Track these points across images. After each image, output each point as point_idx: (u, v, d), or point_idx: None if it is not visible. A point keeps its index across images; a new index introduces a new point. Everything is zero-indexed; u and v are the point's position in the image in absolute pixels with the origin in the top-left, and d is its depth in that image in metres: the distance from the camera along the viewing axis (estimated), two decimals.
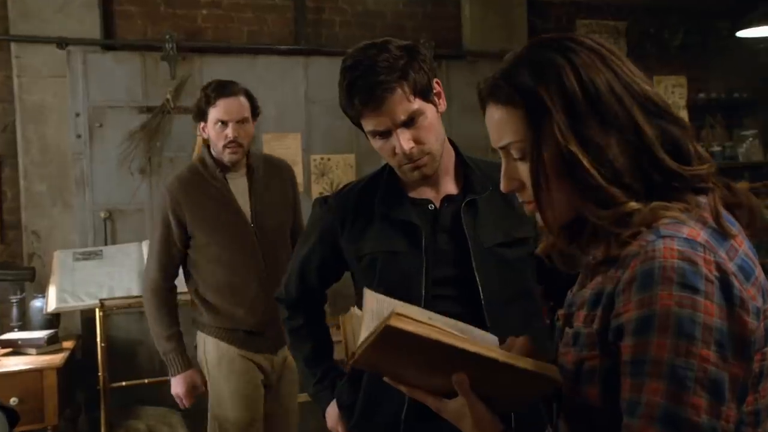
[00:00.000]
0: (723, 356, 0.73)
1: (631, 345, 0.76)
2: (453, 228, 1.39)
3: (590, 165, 0.81)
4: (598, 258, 0.86)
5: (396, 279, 1.39)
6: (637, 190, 0.82)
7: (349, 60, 1.34)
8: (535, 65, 0.85)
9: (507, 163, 0.90)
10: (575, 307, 0.89)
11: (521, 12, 4.33)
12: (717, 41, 4.80)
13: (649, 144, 0.82)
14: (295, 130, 3.83)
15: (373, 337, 0.82)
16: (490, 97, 0.89)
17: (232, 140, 2.27)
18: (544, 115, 0.83)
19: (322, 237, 1.53)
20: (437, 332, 0.80)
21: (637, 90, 0.84)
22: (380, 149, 1.38)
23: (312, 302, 1.62)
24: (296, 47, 3.85)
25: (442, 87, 1.41)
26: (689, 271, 0.74)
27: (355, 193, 1.50)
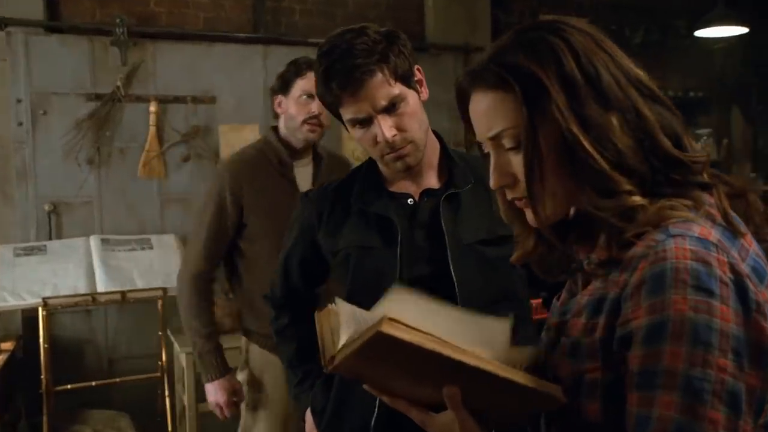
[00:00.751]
0: (740, 365, 0.67)
1: (641, 354, 0.69)
2: (431, 223, 1.32)
3: (592, 147, 0.74)
4: (595, 260, 0.79)
5: (369, 276, 1.32)
6: (641, 176, 0.75)
7: (325, 45, 1.27)
8: (530, 46, 0.78)
9: (497, 155, 0.82)
10: (570, 315, 0.82)
11: (484, 5, 4.28)
12: (675, 40, 4.86)
13: (650, 126, 0.76)
14: (253, 122, 3.69)
15: (359, 343, 0.73)
16: (475, 85, 0.82)
17: (315, 116, 2.04)
18: (541, 96, 0.76)
19: (302, 233, 1.47)
20: (433, 341, 0.71)
21: (632, 73, 0.79)
22: (361, 139, 1.30)
23: (297, 302, 1.56)
24: (255, 35, 3.71)
25: (423, 74, 1.34)
26: (703, 272, 0.68)
27: (334, 187, 1.44)
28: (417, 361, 0.74)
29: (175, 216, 3.54)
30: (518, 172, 0.80)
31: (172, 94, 3.51)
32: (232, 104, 3.63)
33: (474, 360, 0.73)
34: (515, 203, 0.84)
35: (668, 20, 4.84)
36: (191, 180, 3.57)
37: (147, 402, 3.21)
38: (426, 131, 1.33)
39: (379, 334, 0.70)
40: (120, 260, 3.09)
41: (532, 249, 0.89)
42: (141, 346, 3.37)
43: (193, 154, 3.55)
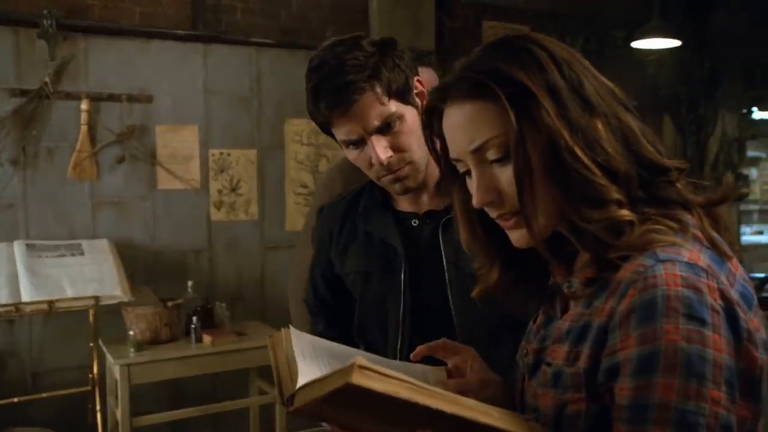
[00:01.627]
0: (732, 397, 0.65)
1: (631, 387, 0.65)
2: (432, 248, 1.23)
3: (583, 153, 0.71)
4: (576, 283, 0.75)
5: (373, 304, 1.27)
6: (629, 184, 0.73)
7: (315, 60, 1.18)
8: (509, 53, 0.75)
9: (481, 171, 0.76)
10: (549, 341, 0.78)
11: (429, 9, 4.28)
12: (613, 50, 4.99)
13: (633, 132, 0.75)
14: (192, 122, 3.56)
15: (325, 390, 0.67)
16: (449, 99, 0.77)
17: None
18: (527, 102, 0.72)
19: (318, 249, 1.43)
20: (408, 388, 0.66)
21: (607, 84, 0.78)
22: (355, 160, 1.22)
23: (329, 312, 1.49)
24: (194, 33, 3.57)
25: (425, 85, 1.24)
26: (695, 300, 0.65)
27: (345, 202, 1.37)
28: (388, 407, 0.69)
29: (108, 220, 3.37)
30: (505, 186, 0.75)
31: (106, 91, 3.34)
32: (170, 104, 3.49)
33: (451, 407, 0.68)
34: (501, 223, 0.79)
35: (607, 31, 4.97)
36: (126, 182, 3.41)
37: (76, 417, 3.03)
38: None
39: (348, 385, 0.64)
40: (48, 267, 2.90)
41: (495, 283, 0.85)
42: (69, 358, 3.20)
43: (128, 155, 3.39)
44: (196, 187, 3.58)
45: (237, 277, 3.68)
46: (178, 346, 3.00)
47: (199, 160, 3.58)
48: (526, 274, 0.85)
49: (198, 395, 3.31)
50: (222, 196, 3.65)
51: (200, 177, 3.59)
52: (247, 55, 3.70)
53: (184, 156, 3.54)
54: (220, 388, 3.46)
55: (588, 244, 0.74)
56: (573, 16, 4.84)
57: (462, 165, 0.79)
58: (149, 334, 2.95)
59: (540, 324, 0.86)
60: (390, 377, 0.66)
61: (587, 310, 0.74)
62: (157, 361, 2.87)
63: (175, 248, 3.53)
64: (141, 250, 3.44)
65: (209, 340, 3.00)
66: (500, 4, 4.64)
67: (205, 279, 3.57)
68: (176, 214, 3.54)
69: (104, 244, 3.14)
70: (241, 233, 3.70)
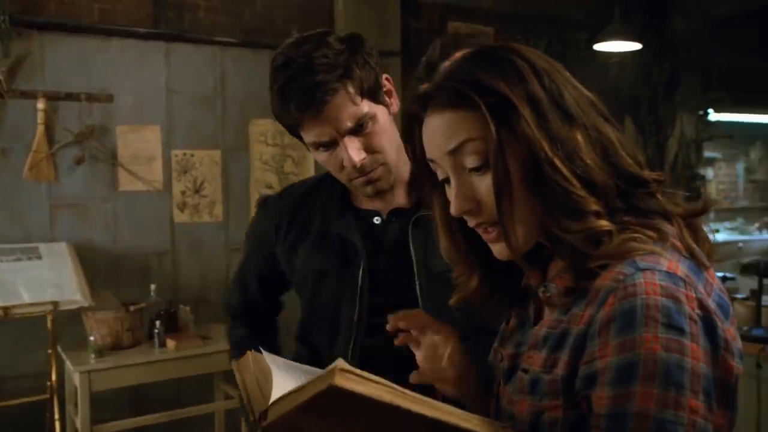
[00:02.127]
0: (709, 406, 0.65)
1: (609, 396, 0.65)
2: (398, 247, 1.19)
3: (563, 164, 0.70)
4: (554, 289, 0.75)
5: (327, 303, 1.21)
6: (607, 195, 0.72)
7: (280, 58, 1.12)
8: (490, 64, 0.74)
9: (459, 177, 0.76)
10: (525, 347, 0.78)
11: (394, 10, 4.27)
12: (576, 52, 5.06)
13: (612, 144, 0.74)
14: (154, 122, 3.49)
15: (305, 396, 0.65)
16: (429, 107, 0.76)
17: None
18: (507, 112, 0.71)
19: (258, 243, 1.35)
20: (390, 392, 0.65)
21: (586, 94, 0.78)
22: (325, 163, 1.17)
23: (256, 314, 1.43)
24: (156, 31, 3.50)
25: (393, 83, 1.21)
26: (674, 309, 0.65)
27: (296, 196, 1.31)
28: (368, 413, 0.68)
29: (67, 222, 3.28)
30: (483, 196, 0.74)
31: (64, 90, 3.25)
32: (131, 104, 3.41)
33: (432, 411, 0.67)
34: (483, 235, 0.78)
35: (569, 33, 5.04)
36: (85, 183, 3.32)
37: (33, 427, 2.94)
38: (398, 148, 1.18)
39: (331, 387, 0.63)
40: (3, 272, 2.80)
41: (473, 291, 0.84)
42: (26, 366, 3.10)
43: (87, 156, 3.30)
44: (159, 188, 3.51)
45: (201, 280, 3.62)
46: (140, 351, 2.93)
47: (162, 161, 3.51)
48: (503, 284, 0.84)
49: (161, 401, 3.24)
50: (185, 198, 3.58)
51: (163, 178, 3.52)
52: (210, 54, 3.64)
53: (146, 156, 3.47)
54: (185, 392, 3.40)
55: (566, 254, 0.73)
56: (536, 17, 4.89)
57: (441, 171, 0.78)
58: (110, 339, 2.88)
59: (513, 327, 0.85)
60: (372, 381, 0.65)
61: (565, 316, 0.73)
62: (119, 367, 2.80)
63: (137, 251, 3.45)
64: (102, 253, 3.36)
65: (173, 344, 2.94)
66: (465, 5, 4.67)
67: (169, 282, 3.50)
68: (138, 216, 3.46)
69: (63, 248, 3.05)
70: (205, 235, 3.64)
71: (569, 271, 0.74)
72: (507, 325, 0.88)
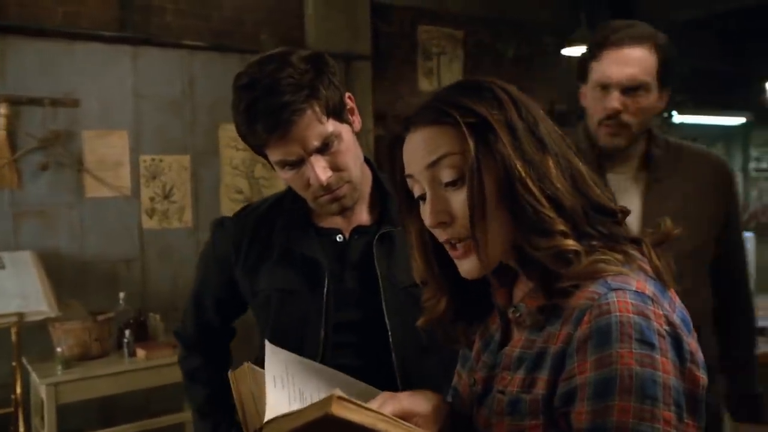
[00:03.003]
0: (680, 417, 0.69)
1: (589, 411, 0.68)
2: (363, 264, 1.21)
3: (534, 185, 0.75)
4: (524, 308, 0.79)
5: (291, 322, 1.20)
6: (575, 219, 0.76)
7: (244, 78, 1.12)
8: (473, 91, 0.79)
9: (435, 191, 0.79)
10: (498, 369, 0.80)
11: (365, 14, 4.28)
12: (544, 56, 5.13)
13: (581, 173, 0.79)
14: (121, 127, 3.43)
15: (301, 421, 0.67)
16: (412, 125, 0.80)
17: (612, 114, 1.45)
18: (486, 132, 0.76)
19: (216, 266, 1.32)
20: (385, 421, 0.68)
21: (557, 130, 0.83)
22: (291, 181, 1.17)
23: (212, 341, 1.41)
24: (122, 35, 3.44)
25: (354, 101, 1.22)
26: (645, 326, 0.69)
27: (255, 216, 1.30)
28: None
29: (31, 230, 3.21)
30: (457, 210, 0.78)
31: (26, 95, 3.18)
32: (98, 108, 3.36)
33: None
34: (450, 252, 0.81)
35: (538, 37, 5.11)
36: (51, 190, 3.25)
37: None
38: (361, 166, 1.22)
39: (328, 416, 0.65)
40: None
41: (441, 314, 0.88)
42: None
43: (52, 162, 3.23)
44: (127, 194, 3.45)
45: (172, 287, 3.57)
46: (109, 361, 2.88)
47: (130, 167, 3.46)
48: (469, 308, 0.88)
49: (131, 411, 3.19)
50: (154, 204, 3.53)
51: (131, 184, 3.46)
52: (178, 58, 3.60)
53: (113, 162, 3.41)
54: (155, 402, 3.34)
55: (535, 274, 0.77)
56: (504, 21, 4.95)
57: (417, 187, 0.81)
58: (78, 350, 2.82)
59: (479, 350, 0.88)
60: (367, 409, 0.68)
61: (538, 336, 0.77)
62: (87, 378, 2.75)
63: (105, 258, 3.39)
64: (68, 262, 3.29)
65: (143, 353, 2.90)
66: (435, 9, 4.70)
67: (138, 290, 3.44)
68: (106, 223, 3.40)
69: (27, 256, 2.98)
70: (174, 241, 3.59)
71: (539, 291, 0.77)
72: (471, 349, 0.90)
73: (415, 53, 4.66)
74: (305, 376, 0.89)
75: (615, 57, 1.42)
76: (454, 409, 0.89)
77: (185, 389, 1.45)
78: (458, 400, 0.91)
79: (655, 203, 1.46)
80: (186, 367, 1.42)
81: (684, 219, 1.30)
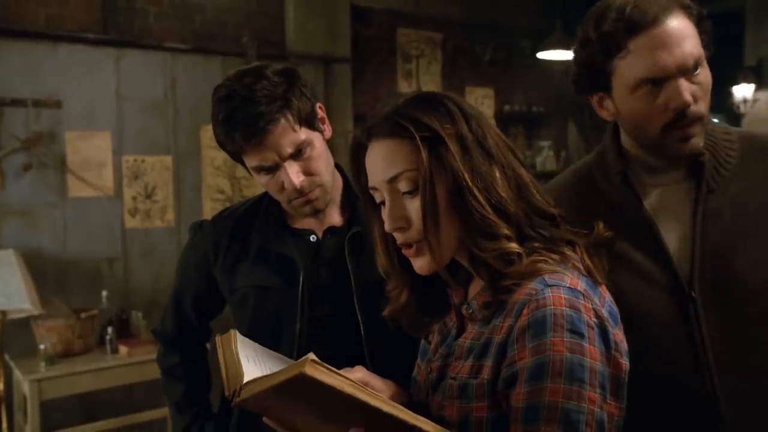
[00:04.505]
0: (604, 398, 0.79)
1: (526, 391, 0.78)
2: (335, 262, 1.29)
3: (480, 194, 0.83)
4: (476, 305, 0.88)
5: (268, 317, 1.28)
6: (518, 224, 0.86)
7: (222, 90, 1.21)
8: (428, 105, 0.88)
9: (393, 200, 0.88)
10: (452, 358, 0.90)
11: (344, 17, 4.35)
12: (520, 59, 5.24)
13: (525, 182, 0.88)
14: (104, 128, 3.48)
15: (276, 381, 0.76)
16: (373, 136, 0.89)
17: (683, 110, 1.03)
18: (438, 145, 0.84)
19: (196, 266, 1.40)
20: (351, 386, 0.76)
21: (505, 141, 0.91)
22: (266, 185, 1.26)
23: (190, 339, 1.48)
24: (105, 37, 3.49)
25: (324, 111, 1.31)
26: (575, 318, 0.79)
27: (233, 219, 1.38)
28: (330, 401, 0.77)
29: (14, 230, 3.25)
30: (413, 216, 0.86)
31: (9, 96, 3.22)
32: (81, 110, 3.40)
33: (388, 407, 0.78)
34: (404, 251, 0.90)
35: (514, 40, 5.21)
36: (33, 190, 3.29)
37: None
38: (332, 171, 1.32)
39: (301, 375, 0.73)
40: None
41: (403, 305, 0.97)
42: None
43: (35, 163, 3.28)
44: (110, 194, 3.50)
45: (153, 285, 3.62)
46: (92, 358, 2.93)
47: (112, 167, 3.51)
48: (428, 302, 0.97)
49: (114, 407, 3.24)
50: (137, 203, 3.59)
51: (114, 184, 3.51)
52: (161, 60, 3.65)
53: (96, 163, 3.46)
54: (137, 398, 3.39)
55: (483, 272, 0.87)
56: (482, 25, 5.04)
57: (378, 195, 0.90)
58: (61, 347, 2.87)
59: (437, 343, 0.97)
60: (337, 374, 0.76)
61: (486, 328, 0.86)
62: (70, 374, 2.80)
63: (87, 257, 3.44)
64: (51, 260, 3.33)
65: (125, 350, 2.95)
66: (413, 13, 4.77)
67: (120, 288, 3.50)
68: (89, 222, 3.45)
69: (10, 255, 3.01)
70: (157, 240, 3.65)
71: (488, 290, 0.87)
72: (429, 343, 1.00)
73: (395, 56, 4.74)
74: (271, 359, 0.97)
75: (657, 39, 1.02)
76: (411, 399, 0.98)
77: (163, 385, 1.51)
78: (416, 388, 1.00)
79: (711, 220, 1.07)
80: (164, 363, 1.49)
81: (755, 239, 1.04)
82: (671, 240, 1.08)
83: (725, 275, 1.04)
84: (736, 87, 5.28)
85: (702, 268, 1.05)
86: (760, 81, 5.28)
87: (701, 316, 1.03)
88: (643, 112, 1.05)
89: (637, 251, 1.06)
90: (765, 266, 1.03)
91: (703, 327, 1.03)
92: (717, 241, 1.05)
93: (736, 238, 1.05)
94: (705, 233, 1.06)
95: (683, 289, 1.05)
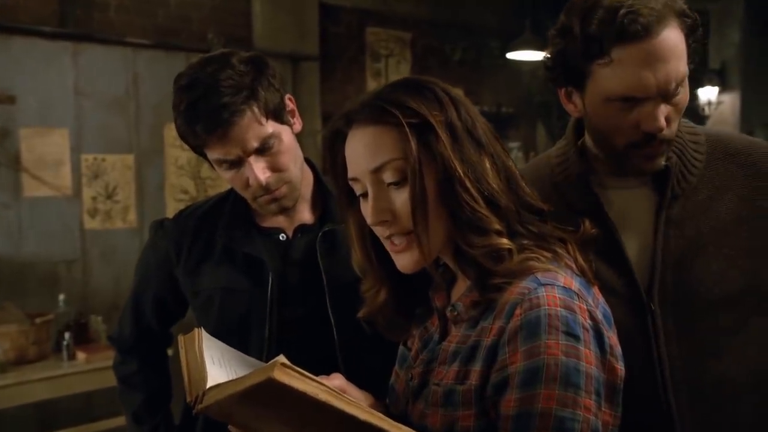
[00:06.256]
0: (599, 405, 0.73)
1: (517, 398, 0.72)
2: (306, 262, 1.21)
3: (471, 184, 0.77)
4: (461, 306, 0.82)
5: (235, 321, 1.20)
6: (508, 218, 0.80)
7: (184, 79, 1.11)
8: (415, 91, 0.81)
9: (377, 191, 0.81)
10: (435, 363, 0.83)
11: (313, 15, 4.29)
12: (490, 60, 5.23)
13: (514, 174, 0.83)
14: (61, 125, 3.35)
15: (242, 387, 0.67)
16: (354, 122, 0.82)
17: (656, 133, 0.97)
18: (427, 133, 0.78)
19: (157, 266, 1.30)
20: (326, 392, 0.68)
21: (491, 129, 0.85)
22: (231, 180, 1.17)
23: (149, 345, 1.39)
24: (63, 30, 3.36)
25: (295, 103, 1.22)
26: (571, 319, 0.73)
27: (196, 217, 1.29)
28: (302, 409, 0.70)
29: None
30: (399, 208, 0.80)
31: None
32: (36, 106, 3.27)
33: (364, 414, 0.70)
34: (388, 247, 0.83)
35: (484, 41, 5.20)
36: None
37: None
38: (301, 167, 1.23)
39: (270, 380, 0.65)
40: None
41: (380, 306, 0.90)
42: None
43: None
44: (68, 194, 3.37)
45: (114, 288, 3.50)
46: (48, 365, 2.81)
47: (71, 166, 3.38)
48: (408, 303, 0.91)
49: (72, 415, 3.12)
50: (97, 204, 3.46)
51: (72, 183, 3.38)
52: (121, 56, 3.53)
53: (53, 161, 3.32)
54: (96, 406, 3.27)
55: (470, 270, 0.80)
56: (452, 25, 5.02)
57: (359, 186, 0.83)
58: (14, 353, 2.74)
59: (418, 349, 0.90)
60: (310, 379, 0.68)
61: (473, 331, 0.79)
62: (24, 383, 2.68)
63: (44, 259, 3.31)
64: (4, 263, 3.19)
65: (84, 356, 2.83)
66: (383, 11, 4.73)
67: (79, 291, 3.37)
68: (45, 223, 3.31)
69: None
70: (118, 242, 3.52)
71: (475, 289, 0.80)
72: (409, 349, 0.93)
73: (363, 54, 4.69)
74: (240, 362, 0.90)
75: (644, 55, 0.91)
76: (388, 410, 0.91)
77: (119, 395, 1.42)
78: (394, 397, 0.93)
79: (674, 228, 1.00)
80: (121, 372, 1.39)
81: (726, 248, 0.97)
82: (632, 248, 1.00)
83: (685, 286, 0.97)
84: (701, 89, 5.36)
85: (662, 279, 0.98)
86: (724, 84, 5.37)
87: (659, 329, 0.97)
88: (612, 125, 0.97)
89: (597, 259, 0.92)
90: (727, 277, 0.97)
91: (660, 341, 0.96)
92: (679, 251, 0.99)
93: (698, 247, 0.99)
94: (667, 242, 0.99)
95: (642, 299, 0.98)
